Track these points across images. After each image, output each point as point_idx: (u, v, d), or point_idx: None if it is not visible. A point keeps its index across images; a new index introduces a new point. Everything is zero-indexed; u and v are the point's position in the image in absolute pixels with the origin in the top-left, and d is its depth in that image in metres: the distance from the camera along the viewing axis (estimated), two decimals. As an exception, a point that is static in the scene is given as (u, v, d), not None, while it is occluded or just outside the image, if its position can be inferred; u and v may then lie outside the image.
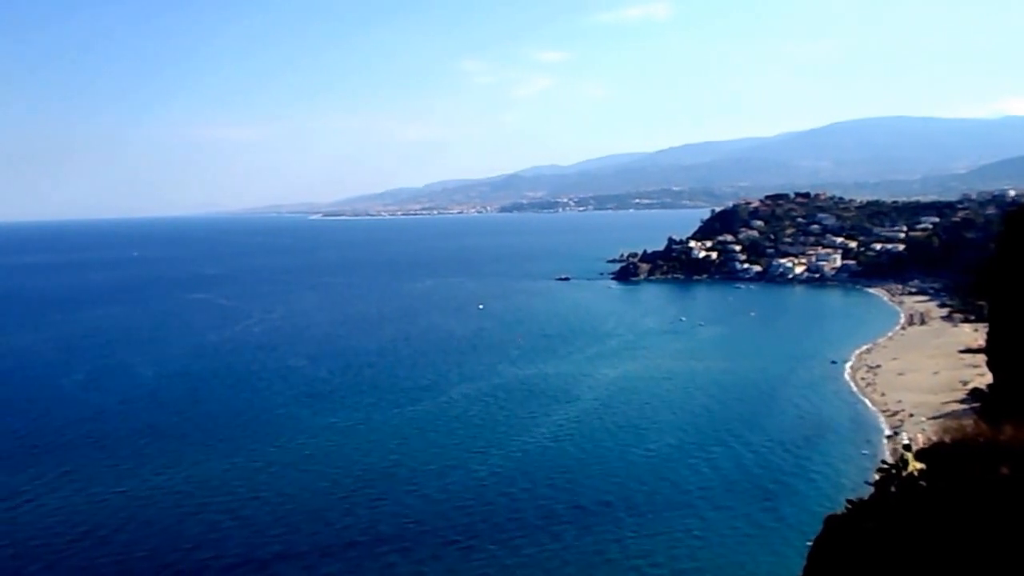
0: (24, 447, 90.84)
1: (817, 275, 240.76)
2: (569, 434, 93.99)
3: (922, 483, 13.52)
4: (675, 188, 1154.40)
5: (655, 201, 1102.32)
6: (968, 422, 14.94)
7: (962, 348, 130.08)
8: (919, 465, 13.78)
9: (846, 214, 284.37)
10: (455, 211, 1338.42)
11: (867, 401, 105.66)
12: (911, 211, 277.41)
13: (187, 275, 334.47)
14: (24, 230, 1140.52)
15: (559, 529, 66.84)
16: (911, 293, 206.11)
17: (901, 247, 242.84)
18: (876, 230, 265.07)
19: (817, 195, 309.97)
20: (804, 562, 15.04)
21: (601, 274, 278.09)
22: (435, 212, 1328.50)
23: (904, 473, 13.69)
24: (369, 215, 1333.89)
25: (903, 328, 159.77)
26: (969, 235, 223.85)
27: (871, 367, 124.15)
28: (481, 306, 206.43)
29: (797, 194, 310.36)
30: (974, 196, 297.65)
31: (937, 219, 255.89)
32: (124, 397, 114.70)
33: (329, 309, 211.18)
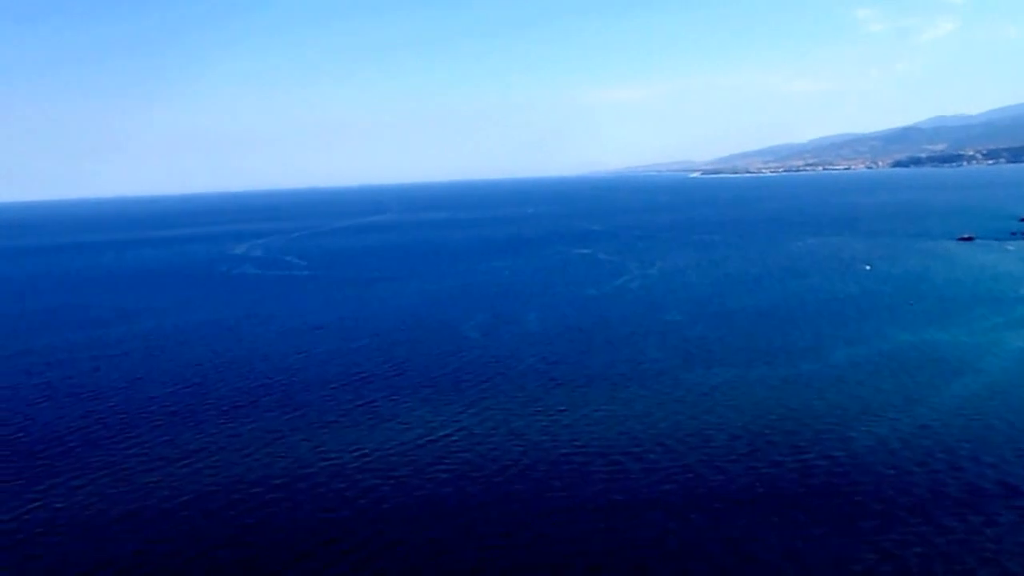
0: (438, 386, 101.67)
1: None
2: (988, 407, 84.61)
3: None
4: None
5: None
6: None
7: None
8: None
9: None
10: (841, 167, 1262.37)
11: None
12: None
13: (572, 231, 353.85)
14: (422, 190, 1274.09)
15: (992, 511, 60.88)
16: None
17: None
18: None
19: None
20: None
21: (1013, 234, 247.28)
22: (820, 168, 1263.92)
23: None
24: (749, 172, 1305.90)
25: None
26: None
27: None
28: (868, 267, 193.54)
29: None
30: None
31: None
32: (515, 343, 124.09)
33: (706, 267, 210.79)
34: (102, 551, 59.33)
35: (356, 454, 77.63)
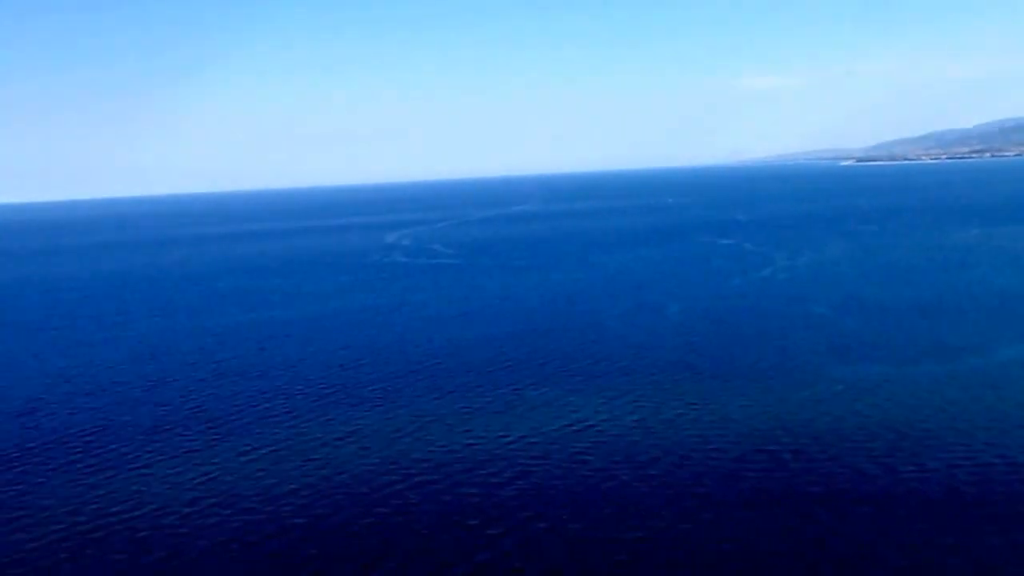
0: (583, 374, 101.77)
1: None
2: None
3: None
4: None
5: None
6: None
7: None
8: None
9: None
10: (1012, 153, 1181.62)
11: None
12: None
13: (715, 221, 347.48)
14: (566, 180, 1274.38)
15: None
16: None
17: None
18: None
19: None
20: None
21: None
22: (987, 155, 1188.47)
23: None
24: (907, 160, 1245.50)
25: None
26: None
27: None
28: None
29: None
30: None
31: None
32: (659, 334, 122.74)
33: (857, 258, 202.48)
34: (274, 522, 62.60)
35: (506, 440, 78.84)
